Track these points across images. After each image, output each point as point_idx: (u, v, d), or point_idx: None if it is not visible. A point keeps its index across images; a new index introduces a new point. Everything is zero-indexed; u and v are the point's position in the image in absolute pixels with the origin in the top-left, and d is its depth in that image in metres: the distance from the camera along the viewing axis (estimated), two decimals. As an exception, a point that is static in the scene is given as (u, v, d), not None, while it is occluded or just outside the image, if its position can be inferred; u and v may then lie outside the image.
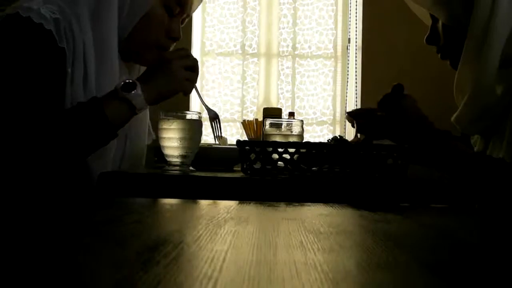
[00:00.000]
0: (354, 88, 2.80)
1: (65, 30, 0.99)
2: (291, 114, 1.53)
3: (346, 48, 2.95)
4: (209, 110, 1.21)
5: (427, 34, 1.19)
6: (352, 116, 1.29)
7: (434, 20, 1.17)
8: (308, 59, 3.01)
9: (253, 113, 2.96)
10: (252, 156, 1.01)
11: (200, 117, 1.06)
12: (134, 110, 1.00)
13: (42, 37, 0.97)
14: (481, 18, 1.05)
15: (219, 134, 1.22)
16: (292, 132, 1.13)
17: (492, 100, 1.05)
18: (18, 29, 0.96)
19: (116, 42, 1.06)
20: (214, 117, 1.20)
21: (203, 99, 1.21)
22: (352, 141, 1.22)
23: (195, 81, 1.10)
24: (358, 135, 1.25)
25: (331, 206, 0.73)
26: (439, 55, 1.19)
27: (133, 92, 0.98)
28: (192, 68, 1.08)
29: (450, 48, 1.15)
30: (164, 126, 1.02)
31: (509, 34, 1.05)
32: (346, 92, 2.91)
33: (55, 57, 0.98)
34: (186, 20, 1.18)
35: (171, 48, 1.17)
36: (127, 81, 1.00)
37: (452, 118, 1.11)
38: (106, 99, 0.98)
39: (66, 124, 0.94)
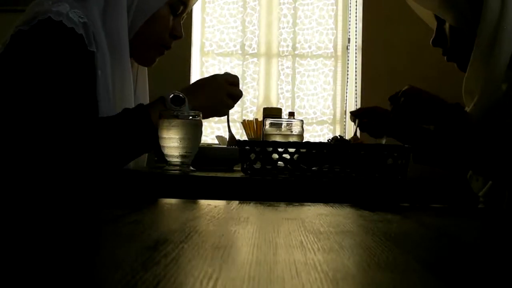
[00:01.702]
0: (354, 88, 2.80)
1: (93, 34, 1.02)
2: (291, 114, 1.52)
3: (346, 48, 2.95)
4: (232, 136, 1.25)
5: (433, 36, 1.19)
6: (355, 115, 1.29)
7: (440, 22, 1.17)
8: (308, 59, 3.01)
9: (253, 113, 2.96)
10: (252, 156, 1.01)
11: (200, 117, 1.06)
12: None
13: (74, 41, 0.99)
14: (491, 20, 1.05)
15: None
16: (292, 132, 1.13)
17: (499, 99, 1.05)
18: (52, 33, 0.98)
19: (127, 42, 1.09)
20: (233, 143, 1.24)
21: (230, 125, 1.24)
22: (351, 139, 1.22)
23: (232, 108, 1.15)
24: (358, 134, 1.25)
25: (331, 206, 0.73)
26: (445, 57, 1.18)
27: (181, 107, 1.03)
28: (235, 96, 1.13)
29: (457, 50, 1.15)
30: (164, 126, 1.02)
31: None
32: (346, 92, 2.91)
33: (86, 60, 1.01)
34: (185, 17, 1.19)
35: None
36: (175, 93, 1.04)
37: None
38: (152, 107, 1.02)
39: (115, 130, 0.97)
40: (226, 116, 1.17)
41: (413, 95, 1.12)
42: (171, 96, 1.03)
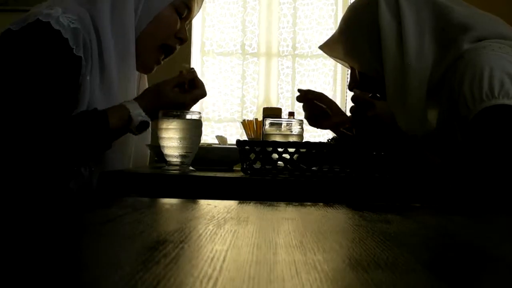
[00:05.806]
0: (354, 88, 2.81)
1: (84, 39, 1.01)
2: (291, 114, 1.52)
3: (346, 48, 2.95)
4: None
5: (348, 81, 1.20)
6: (299, 99, 1.31)
7: (352, 67, 1.18)
8: (308, 59, 3.01)
9: (253, 113, 2.96)
10: (252, 156, 1.01)
11: (200, 117, 1.06)
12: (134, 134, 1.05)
13: (58, 44, 0.99)
14: (392, 61, 1.04)
15: None
16: (292, 131, 1.13)
17: (429, 132, 1.04)
18: (36, 33, 0.98)
19: (134, 43, 1.09)
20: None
21: None
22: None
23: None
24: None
25: (331, 206, 0.73)
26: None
27: (143, 130, 1.04)
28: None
29: (372, 94, 1.15)
30: (164, 126, 1.02)
31: (432, 63, 1.02)
32: (346, 92, 2.91)
33: (70, 64, 1.00)
34: (188, 24, 1.20)
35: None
36: (143, 119, 1.02)
37: None
38: (113, 114, 1.00)
39: (68, 127, 0.96)
40: None
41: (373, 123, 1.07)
42: (139, 122, 1.01)
